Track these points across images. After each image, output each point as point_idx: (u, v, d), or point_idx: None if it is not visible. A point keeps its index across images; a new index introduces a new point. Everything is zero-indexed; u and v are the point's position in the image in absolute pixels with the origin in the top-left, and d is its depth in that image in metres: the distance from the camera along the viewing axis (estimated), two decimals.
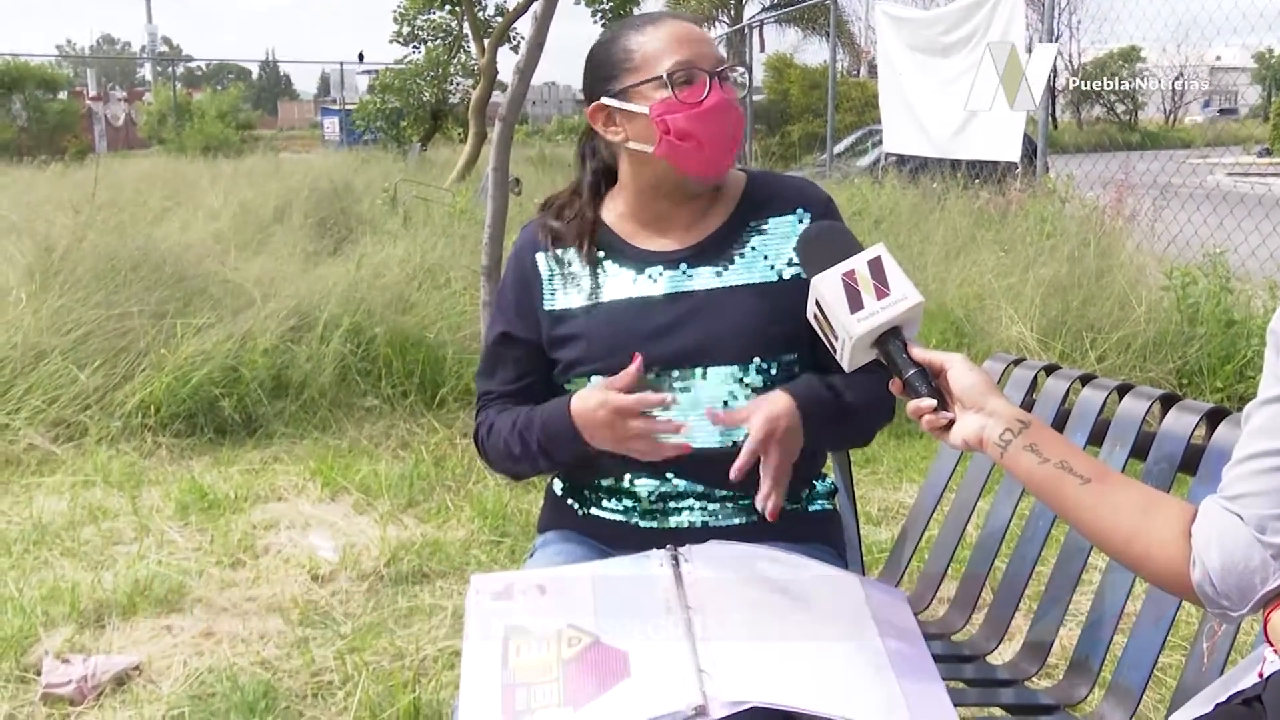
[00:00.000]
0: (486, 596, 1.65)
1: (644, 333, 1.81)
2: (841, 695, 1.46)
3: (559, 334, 1.86)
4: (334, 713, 2.68)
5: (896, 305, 1.47)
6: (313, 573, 3.48)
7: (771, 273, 1.84)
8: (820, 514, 1.92)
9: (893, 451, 4.78)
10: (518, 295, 1.93)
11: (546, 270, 1.91)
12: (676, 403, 1.76)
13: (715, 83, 1.77)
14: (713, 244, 1.86)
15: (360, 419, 5.05)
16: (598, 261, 1.88)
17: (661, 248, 1.87)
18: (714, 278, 1.84)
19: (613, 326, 1.83)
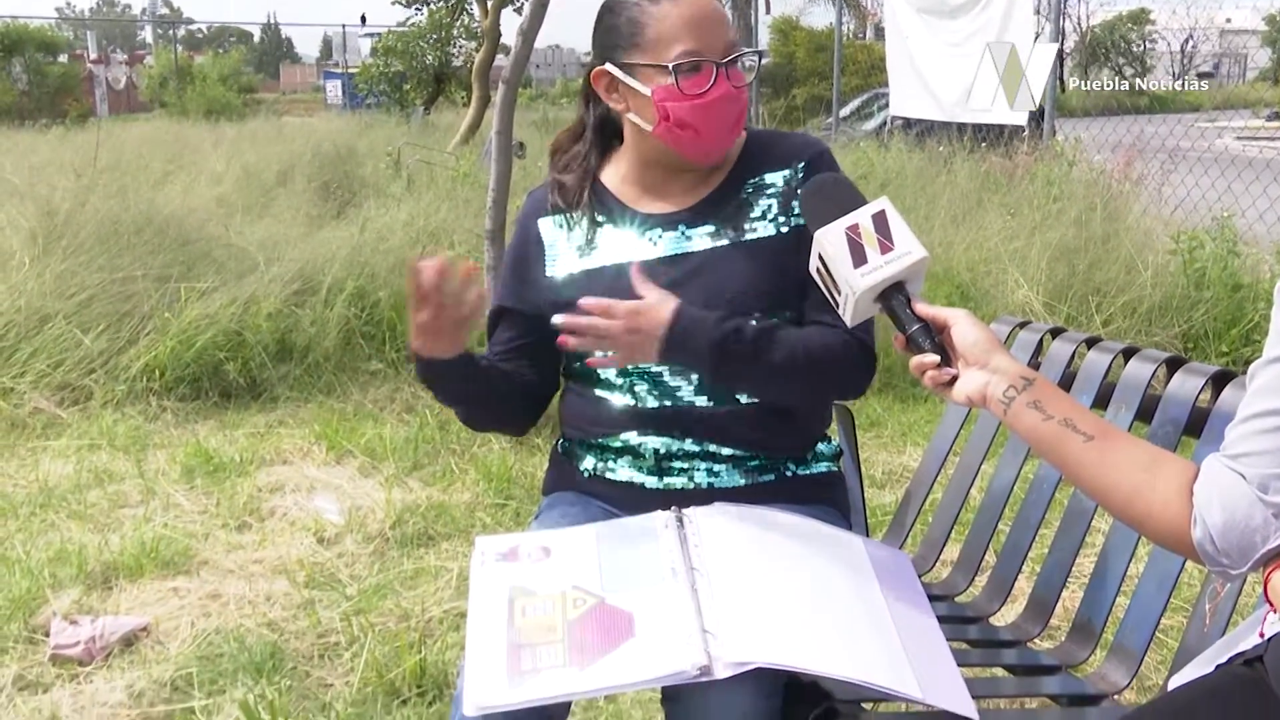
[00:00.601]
0: (491, 558, 1.66)
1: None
2: (845, 656, 1.47)
3: (561, 300, 1.87)
4: (340, 673, 2.71)
5: (900, 260, 1.47)
6: (318, 535, 3.50)
7: (770, 227, 1.84)
8: (824, 476, 1.93)
9: (897, 415, 4.79)
10: (516, 265, 1.96)
11: (549, 237, 1.92)
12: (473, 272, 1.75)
13: (721, 73, 1.76)
14: (711, 204, 1.86)
15: (365, 383, 5.06)
16: (598, 225, 1.89)
17: (661, 210, 1.88)
18: (712, 237, 1.84)
19: (614, 289, 1.83)
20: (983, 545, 2.16)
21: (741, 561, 1.60)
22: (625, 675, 1.41)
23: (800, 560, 1.65)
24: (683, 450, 1.83)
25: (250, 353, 4.97)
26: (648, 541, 1.64)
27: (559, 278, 1.89)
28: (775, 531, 1.70)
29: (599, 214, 1.90)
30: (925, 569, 2.18)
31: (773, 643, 1.45)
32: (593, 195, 1.91)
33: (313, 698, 2.60)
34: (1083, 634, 1.92)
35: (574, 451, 1.96)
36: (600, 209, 1.90)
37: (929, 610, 1.69)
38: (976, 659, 1.93)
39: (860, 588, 1.64)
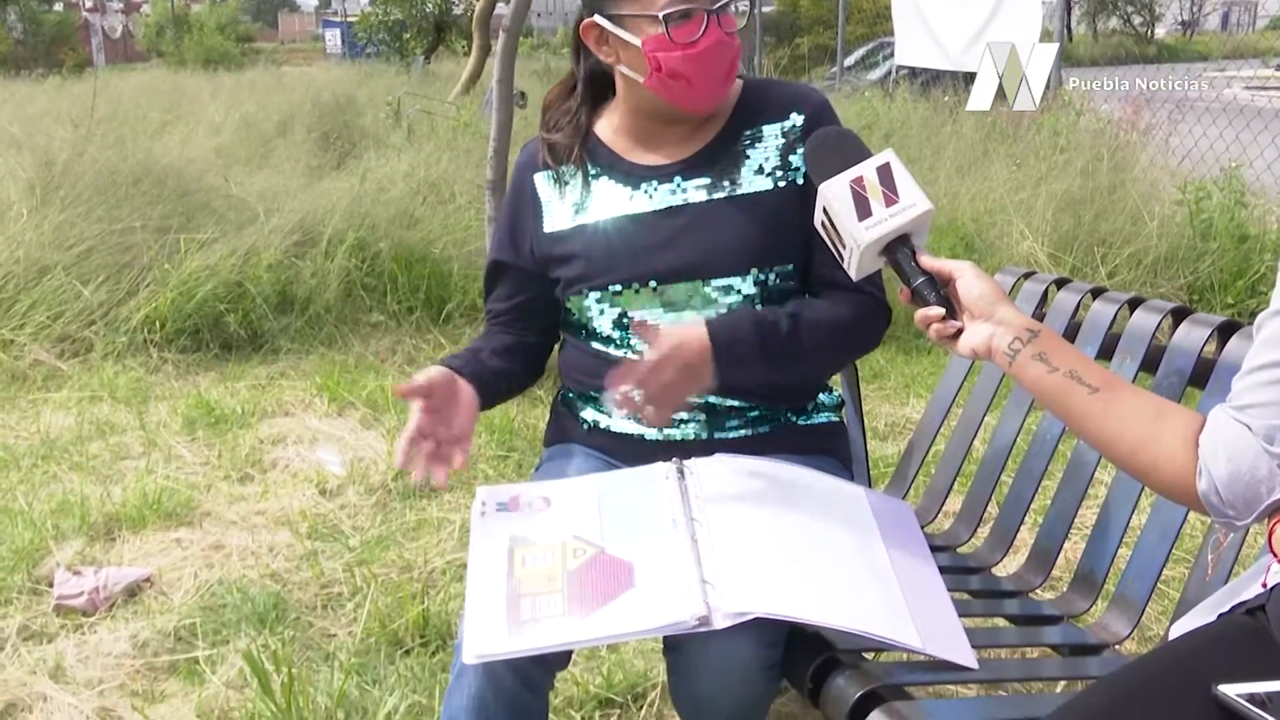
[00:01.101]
0: (492, 508, 1.66)
1: (640, 249, 1.81)
2: (846, 606, 1.48)
3: (557, 254, 1.86)
4: (344, 624, 2.72)
5: (905, 212, 1.46)
6: (320, 487, 3.51)
7: (767, 180, 1.82)
8: (826, 426, 1.93)
9: (900, 367, 4.78)
10: (511, 220, 1.95)
11: (545, 192, 1.91)
12: None
13: (713, 20, 1.72)
14: (707, 156, 1.84)
15: (366, 335, 5.06)
16: (592, 179, 1.87)
17: (656, 162, 1.86)
18: (709, 190, 1.82)
19: (609, 244, 1.82)
20: (985, 496, 2.16)
21: (742, 512, 1.61)
22: (625, 625, 1.42)
23: (801, 511, 1.65)
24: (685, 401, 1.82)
25: (251, 304, 4.96)
26: (648, 492, 1.64)
27: (553, 232, 1.88)
28: (776, 482, 1.70)
29: (592, 167, 1.88)
30: (927, 520, 2.18)
31: (772, 593, 1.45)
32: (585, 148, 1.89)
33: (316, 648, 2.61)
34: (1084, 584, 1.92)
35: (574, 404, 1.95)
36: (593, 162, 1.88)
37: (931, 561, 1.69)
38: (978, 609, 1.94)
39: (862, 538, 1.65)
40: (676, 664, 1.63)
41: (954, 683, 2.03)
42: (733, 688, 1.55)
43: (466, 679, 1.56)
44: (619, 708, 2.38)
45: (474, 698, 1.55)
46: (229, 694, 2.43)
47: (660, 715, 2.36)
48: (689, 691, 1.61)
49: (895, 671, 1.58)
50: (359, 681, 2.44)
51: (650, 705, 2.37)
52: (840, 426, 1.98)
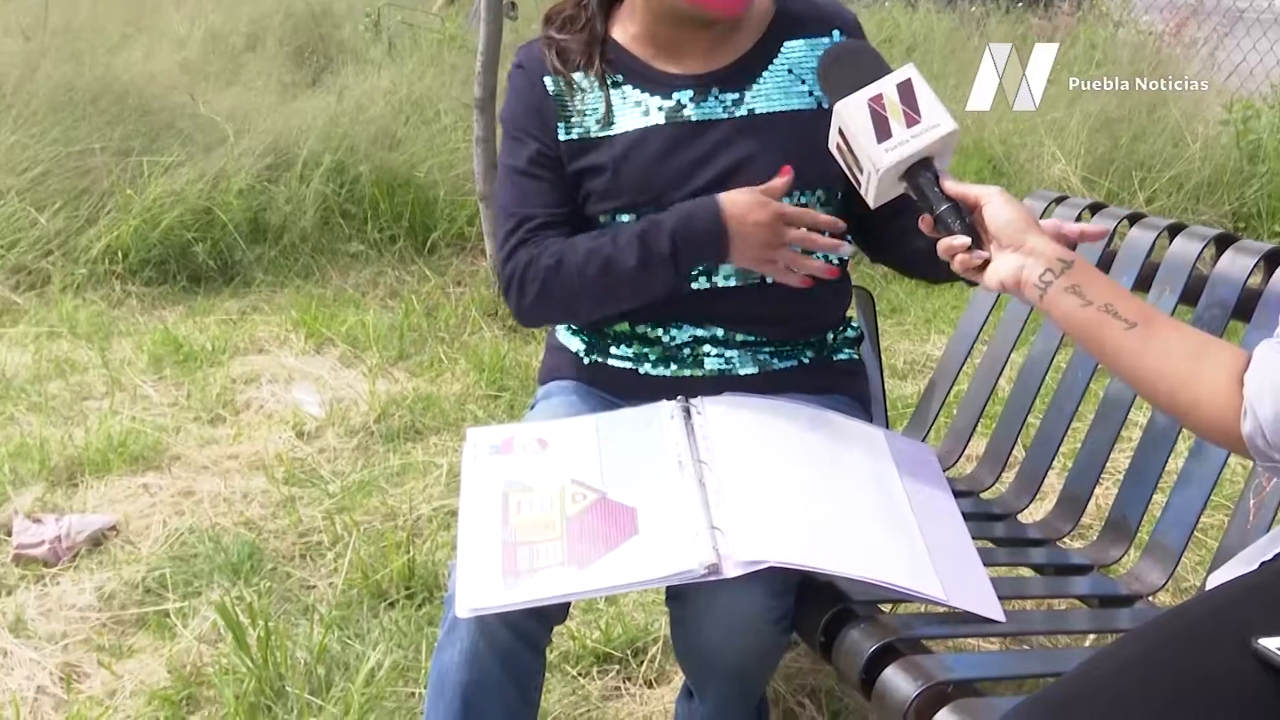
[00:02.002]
0: (484, 451, 1.67)
1: (675, 164, 1.79)
2: (863, 555, 1.49)
3: (579, 166, 1.83)
4: (323, 574, 2.74)
5: (928, 133, 1.45)
6: (298, 429, 3.51)
7: (809, 99, 1.81)
8: (844, 363, 1.93)
9: (921, 301, 4.78)
10: (532, 117, 1.86)
11: (557, 96, 1.86)
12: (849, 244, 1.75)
13: None
14: (744, 67, 1.82)
15: (345, 266, 5.04)
16: (616, 85, 1.84)
17: (687, 70, 1.83)
18: (748, 103, 1.81)
19: (639, 158, 1.80)
20: (1011, 438, 2.16)
21: (753, 454, 1.61)
22: (628, 574, 1.43)
23: (816, 453, 1.66)
24: (692, 335, 1.82)
25: (221, 233, 4.94)
26: (652, 433, 1.65)
27: (574, 140, 1.84)
28: (790, 422, 1.71)
29: (612, 74, 1.85)
30: (950, 463, 2.19)
31: (785, 541, 1.46)
32: (603, 55, 1.85)
33: (294, 600, 2.63)
34: (1116, 532, 1.94)
35: (573, 337, 1.95)
36: (613, 69, 1.85)
37: (954, 507, 1.70)
38: (1003, 558, 1.95)
39: (880, 483, 1.66)
40: (681, 616, 1.64)
41: (977, 636, 2.05)
42: (740, 640, 1.57)
43: (458, 633, 1.57)
44: (618, 663, 2.41)
45: (466, 653, 1.57)
46: (201, 649, 2.45)
47: (662, 671, 2.39)
48: (694, 645, 1.63)
49: (913, 624, 1.59)
50: (340, 636, 2.46)
51: (651, 660, 2.40)
52: (858, 364, 1.99)
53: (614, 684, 2.37)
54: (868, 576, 1.45)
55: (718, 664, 1.63)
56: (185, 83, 6.76)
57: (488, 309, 4.48)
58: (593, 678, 2.37)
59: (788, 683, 2.34)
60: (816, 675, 2.35)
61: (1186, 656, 1.13)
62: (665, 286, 1.76)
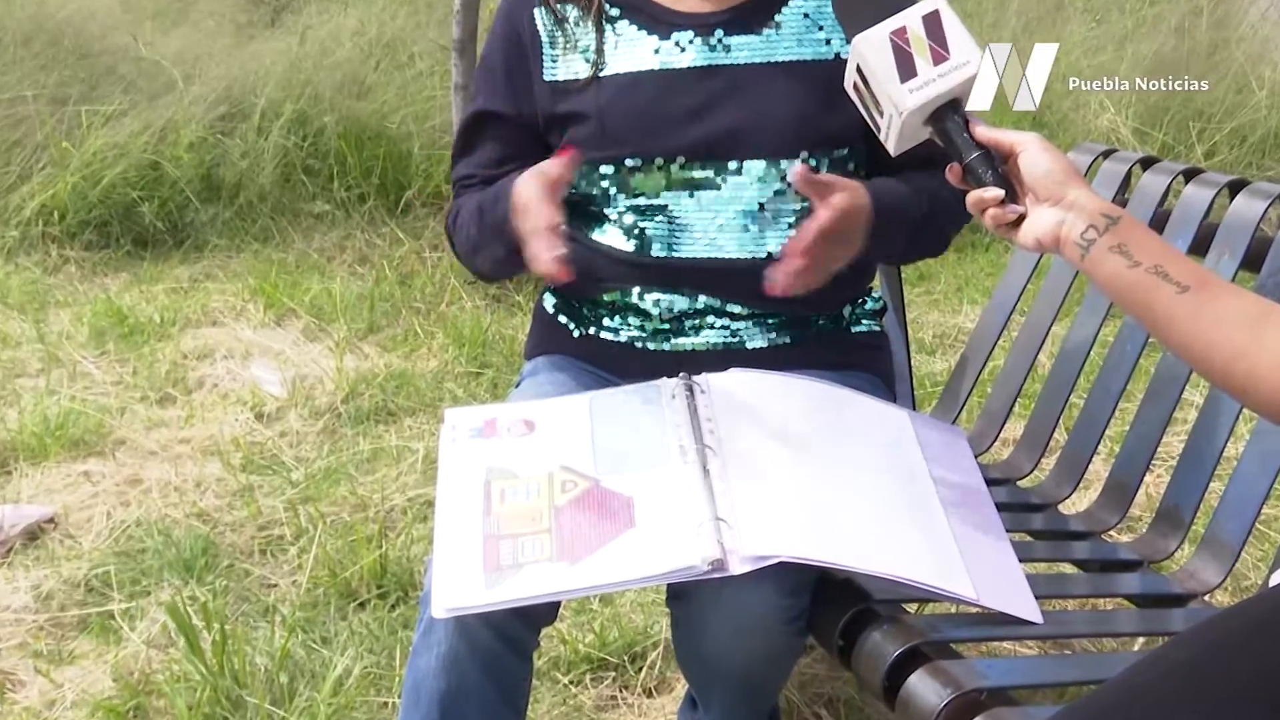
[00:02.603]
0: (464, 434, 1.67)
1: (669, 113, 1.79)
2: (886, 549, 1.49)
3: (562, 111, 1.83)
4: (286, 571, 2.75)
5: (957, 71, 1.44)
6: (256, 410, 3.52)
7: (826, 49, 1.81)
8: (865, 336, 1.93)
9: (951, 267, 4.78)
10: (508, 61, 1.89)
11: (545, 31, 1.87)
12: None
13: None
14: (755, 8, 1.82)
15: (309, 228, 5.04)
16: (611, 20, 1.84)
17: (692, 9, 1.83)
18: (757, 49, 1.80)
19: (631, 104, 1.80)
20: (1052, 420, 2.17)
21: (763, 438, 1.61)
22: (624, 571, 1.43)
23: (833, 436, 1.66)
24: (694, 307, 1.83)
25: (170, 191, 4.93)
26: (651, 413, 1.65)
27: (558, 81, 1.85)
28: (804, 402, 1.71)
29: (610, 7, 1.85)
30: (983, 447, 2.20)
31: (798, 534, 1.46)
32: None
33: (253, 600, 2.64)
34: (1168, 524, 1.94)
35: (563, 307, 1.95)
36: (612, 1, 1.85)
37: (986, 497, 1.71)
38: (1042, 552, 1.96)
39: (905, 469, 1.66)
40: (683, 617, 1.65)
41: (1012, 639, 2.06)
42: (749, 644, 1.57)
43: (435, 636, 1.58)
44: (614, 670, 2.42)
45: (444, 658, 1.57)
46: (150, 654, 2.46)
47: (662, 678, 2.40)
48: (697, 649, 1.64)
49: (941, 626, 1.60)
50: (305, 640, 2.47)
51: (651, 667, 2.41)
52: (880, 337, 1.99)
53: (609, 693, 2.38)
54: (891, 573, 1.46)
55: (724, 670, 1.64)
56: (128, 22, 6.73)
57: (468, 276, 4.48)
58: (586, 686, 2.38)
59: (802, 691, 2.35)
60: (834, 683, 2.36)
61: (1242, 662, 1.13)
62: (502, 250, 1.78)
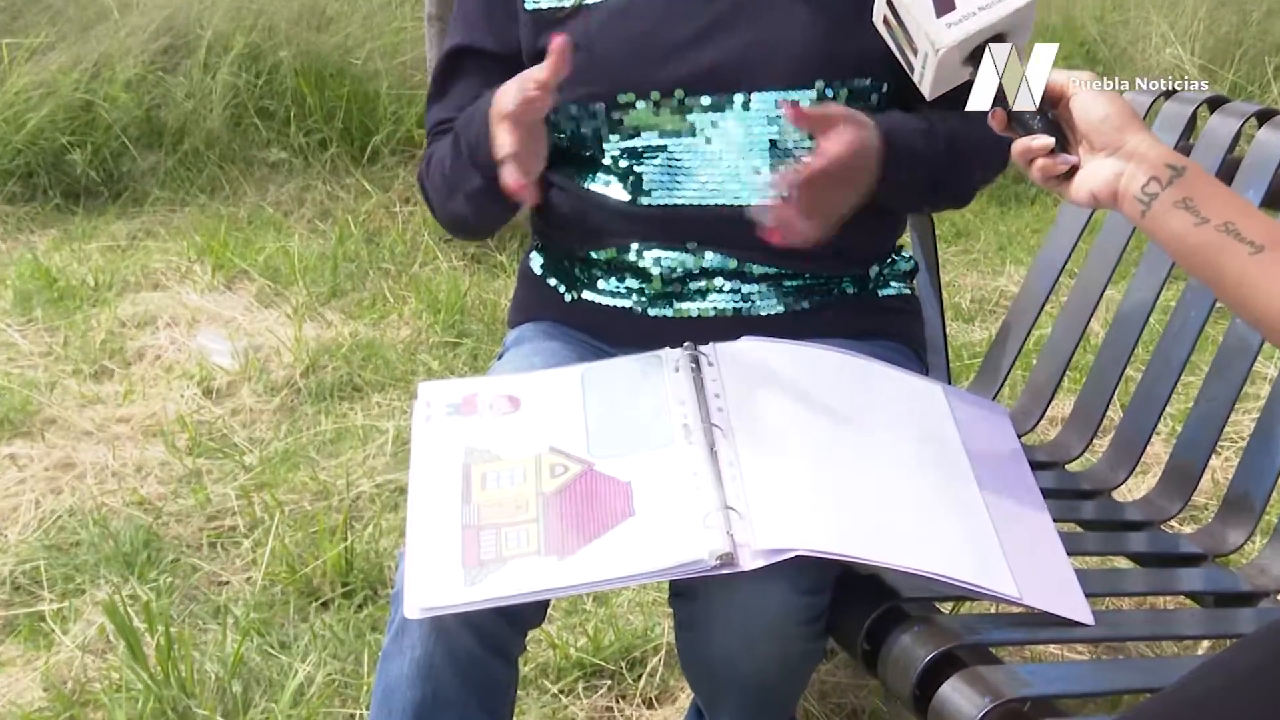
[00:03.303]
0: (440, 411, 1.67)
1: (666, 41, 1.79)
2: (917, 541, 1.50)
3: (546, 43, 1.83)
4: (239, 567, 2.76)
5: (1003, 3, 1.44)
6: (204, 385, 3.52)
7: None
8: (894, 301, 1.93)
9: (992, 223, 4.77)
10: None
11: None
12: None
13: None
14: None
15: (263, 178, 5.03)
16: None
17: None
18: None
19: (623, 32, 1.80)
20: (1105, 395, 2.17)
21: (778, 416, 1.62)
22: (621, 566, 1.44)
23: (858, 414, 1.67)
24: (700, 266, 1.83)
25: (104, 136, 4.92)
26: (652, 388, 1.65)
27: (541, 9, 1.85)
28: (824, 375, 1.71)
29: None
30: (1027, 426, 2.20)
31: (818, 524, 1.47)
32: None
33: (202, 599, 2.65)
34: (1237, 513, 1.94)
35: (552, 268, 1.95)
36: None
37: (1031, 482, 1.71)
38: (1094, 545, 1.96)
39: (938, 452, 1.67)
40: (688, 618, 1.65)
41: (1059, 642, 2.06)
42: (763, 648, 1.58)
43: (408, 640, 1.58)
44: (610, 677, 2.42)
45: (418, 664, 1.58)
46: (86, 660, 2.46)
47: (665, 687, 2.41)
48: (704, 654, 1.64)
49: (979, 627, 1.61)
50: (260, 644, 2.48)
51: (651, 674, 2.42)
52: (911, 301, 1.99)
53: (604, 703, 2.39)
54: (922, 568, 1.46)
55: (734, 678, 1.64)
56: None
57: (444, 234, 4.47)
58: (578, 696, 2.39)
59: (822, 702, 2.36)
60: (858, 692, 2.37)
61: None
62: (479, 181, 1.79)
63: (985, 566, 1.51)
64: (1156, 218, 1.35)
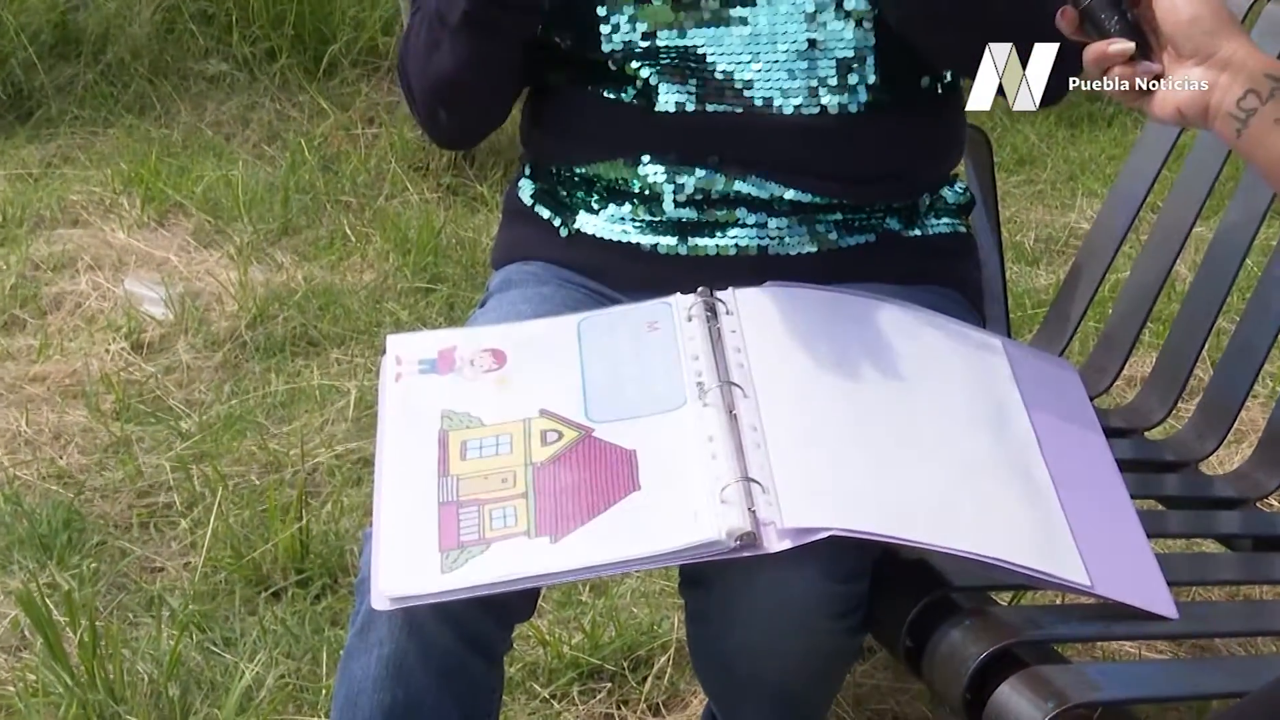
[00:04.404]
0: (412, 368, 1.68)
1: None
2: (970, 521, 1.51)
3: None
4: (175, 551, 2.76)
5: None
6: (134, 339, 3.51)
7: None
8: (945, 239, 1.93)
9: (1061, 148, 4.76)
10: None
11: None
12: None
13: None
14: None
15: (200, 95, 5.01)
16: None
17: None
18: None
19: None
20: (1192, 351, 2.17)
21: (808, 373, 1.62)
22: (623, 549, 1.44)
23: (902, 372, 1.67)
24: (720, 192, 1.83)
25: (10, 46, 4.91)
26: (661, 340, 1.66)
27: None
28: (863, 327, 1.71)
29: None
30: (1100, 387, 2.20)
31: (854, 500, 1.48)
32: None
33: (132, 589, 2.65)
34: None
35: (544, 197, 1.95)
36: None
37: (1105, 452, 1.71)
38: (1178, 525, 1.96)
39: (996, 417, 1.67)
40: (702, 610, 1.65)
41: (1136, 639, 2.07)
42: (789, 645, 1.58)
43: (376, 636, 1.59)
44: (610, 679, 2.43)
45: (388, 663, 1.58)
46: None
47: (673, 691, 2.41)
48: (721, 652, 1.65)
49: (1042, 620, 1.61)
50: (201, 641, 2.48)
51: (658, 677, 2.42)
52: (965, 240, 1.99)
53: (604, 709, 2.40)
54: (976, 552, 1.47)
55: (756, 679, 1.65)
56: None
57: (415, 160, 4.47)
58: (573, 701, 2.40)
59: (858, 708, 2.37)
60: (900, 697, 2.38)
61: None
62: (484, 36, 1.80)
63: (1050, 550, 1.51)
64: (1254, 138, 1.35)
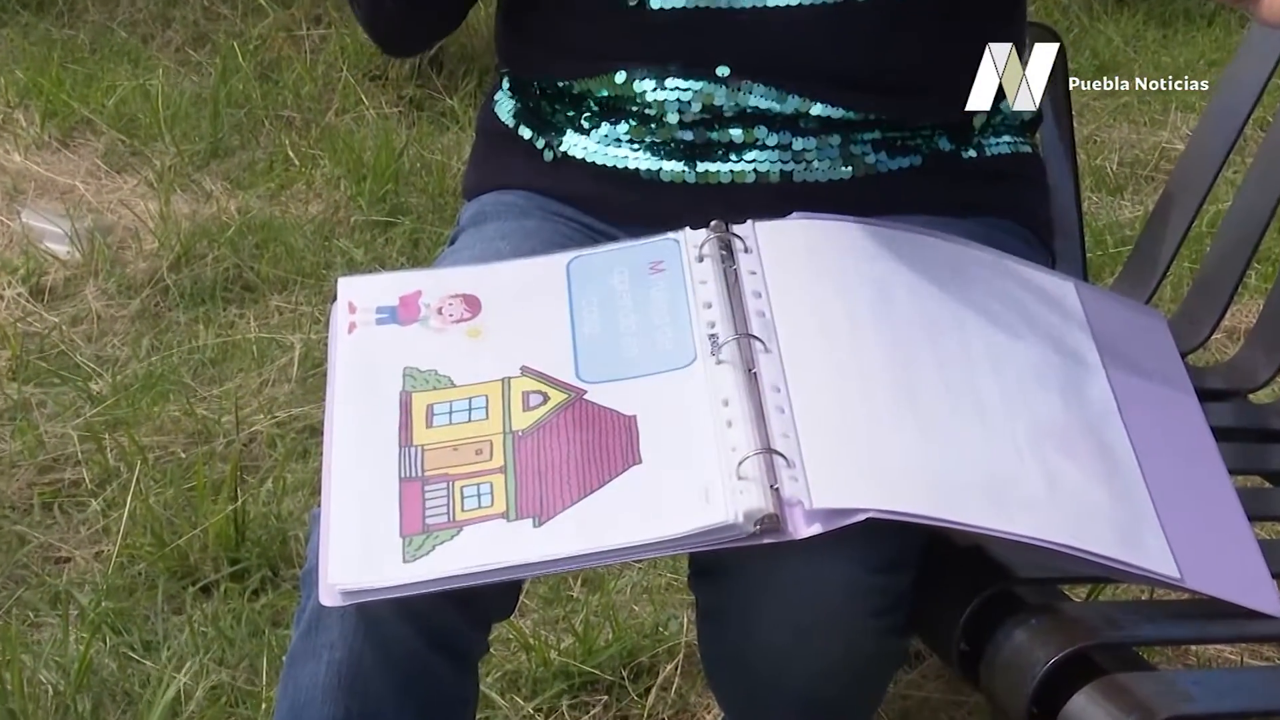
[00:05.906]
0: (368, 317, 1.68)
1: None
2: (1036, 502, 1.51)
3: None
4: (85, 537, 2.77)
5: None
6: (33, 283, 3.53)
7: None
8: (1007, 162, 1.93)
9: (1151, 52, 4.76)
10: None
11: None
12: None
13: None
14: None
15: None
16: None
17: None
18: None
19: None
20: None
21: (841, 325, 1.63)
22: (622, 534, 1.45)
23: (953, 323, 1.67)
24: (736, 106, 1.83)
25: None
26: (666, 284, 1.66)
27: None
28: (907, 268, 1.71)
29: None
30: (1195, 341, 2.21)
31: (896, 476, 1.48)
32: None
33: (34, 582, 2.67)
34: None
35: (527, 115, 1.96)
36: None
37: (1199, 418, 1.72)
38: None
39: (1068, 376, 1.67)
40: (716, 607, 1.66)
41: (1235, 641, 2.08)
42: (820, 647, 1.59)
43: (326, 637, 1.59)
44: (606, 691, 2.44)
45: (340, 669, 1.58)
46: None
47: (683, 703, 2.42)
48: (739, 656, 1.66)
49: (1123, 620, 1.62)
50: (117, 644, 2.50)
51: (664, 687, 2.43)
52: (1031, 163, 1.99)
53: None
54: (1044, 538, 1.47)
55: (781, 688, 1.66)
56: None
57: (371, 67, 4.47)
58: (562, 716, 2.41)
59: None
60: (954, 710, 2.40)
61: None
62: None
63: (1133, 536, 1.51)
64: None
